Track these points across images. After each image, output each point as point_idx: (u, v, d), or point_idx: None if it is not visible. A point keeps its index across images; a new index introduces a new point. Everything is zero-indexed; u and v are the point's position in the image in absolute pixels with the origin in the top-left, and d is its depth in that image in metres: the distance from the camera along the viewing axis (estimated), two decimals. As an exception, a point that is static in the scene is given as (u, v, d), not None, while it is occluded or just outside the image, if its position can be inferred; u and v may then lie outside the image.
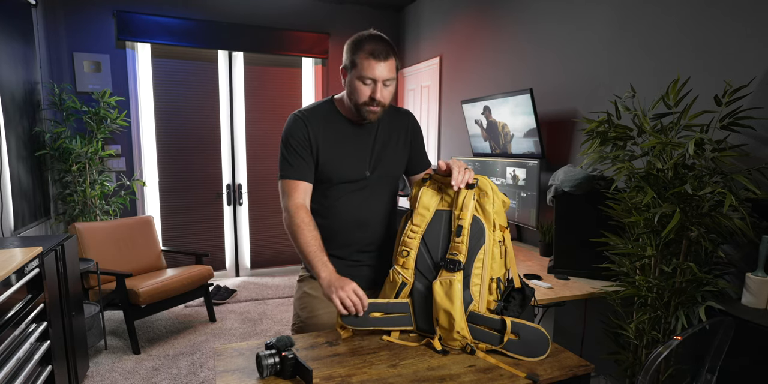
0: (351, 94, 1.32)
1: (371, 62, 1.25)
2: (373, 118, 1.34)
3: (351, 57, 1.29)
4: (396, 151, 1.47)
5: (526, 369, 1.07)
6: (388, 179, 1.46)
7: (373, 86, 1.28)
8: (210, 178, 4.20)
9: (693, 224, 1.49)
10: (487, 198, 1.20)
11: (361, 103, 1.31)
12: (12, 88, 2.81)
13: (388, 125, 1.46)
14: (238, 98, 4.20)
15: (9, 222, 2.62)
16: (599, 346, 2.00)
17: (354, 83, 1.29)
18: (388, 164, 1.44)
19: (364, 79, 1.27)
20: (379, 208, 1.44)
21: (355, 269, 1.43)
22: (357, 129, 1.41)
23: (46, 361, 1.86)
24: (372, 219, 1.43)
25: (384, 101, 1.31)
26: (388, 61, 1.26)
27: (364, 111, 1.32)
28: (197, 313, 3.43)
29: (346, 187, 1.39)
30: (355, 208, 1.41)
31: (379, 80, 1.27)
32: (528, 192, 2.49)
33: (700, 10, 1.85)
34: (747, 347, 1.34)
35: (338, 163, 1.38)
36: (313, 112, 1.40)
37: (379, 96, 1.28)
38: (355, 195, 1.40)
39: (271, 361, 1.01)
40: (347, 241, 1.43)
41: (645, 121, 1.58)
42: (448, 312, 1.14)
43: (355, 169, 1.39)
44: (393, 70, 1.29)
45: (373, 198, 1.43)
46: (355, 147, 1.40)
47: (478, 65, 3.37)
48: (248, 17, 4.08)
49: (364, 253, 1.45)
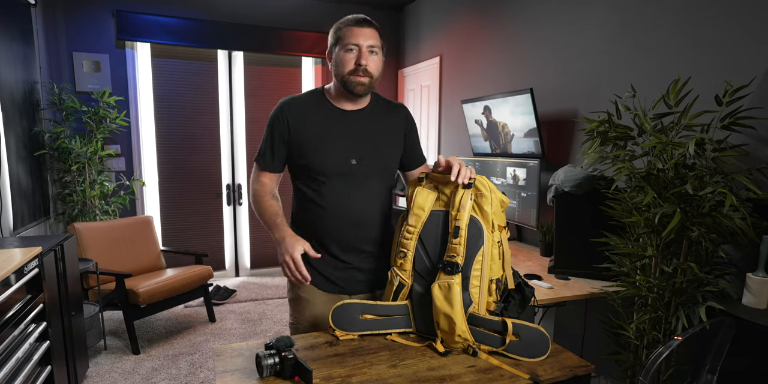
0: (337, 68, 1.33)
1: (353, 29, 1.30)
2: (361, 90, 1.32)
3: (335, 34, 1.34)
4: (389, 142, 1.43)
5: (527, 369, 1.07)
6: (378, 171, 1.40)
7: (358, 53, 1.30)
8: (210, 178, 4.20)
9: (693, 224, 1.49)
10: (484, 198, 1.18)
11: (347, 73, 1.31)
12: (11, 87, 2.81)
13: (381, 115, 1.43)
14: (237, 98, 4.20)
15: (8, 222, 2.62)
16: (599, 347, 1.99)
17: (340, 56, 1.32)
18: (378, 154, 1.39)
19: (349, 46, 1.30)
20: (369, 202, 1.38)
21: (344, 272, 1.40)
22: (344, 117, 1.39)
23: (46, 362, 1.85)
24: (362, 213, 1.36)
25: (371, 70, 1.31)
26: (371, 28, 1.31)
27: (352, 82, 1.31)
28: (197, 314, 3.43)
29: (332, 175, 1.34)
30: (341, 198, 1.35)
31: (363, 46, 1.29)
32: (528, 192, 2.49)
33: (700, 10, 1.85)
34: (748, 347, 1.34)
35: (320, 150, 1.34)
36: (298, 99, 1.40)
37: (364, 61, 1.29)
38: (342, 184, 1.35)
39: (270, 362, 1.01)
40: (336, 236, 1.37)
41: (645, 121, 1.58)
42: (449, 316, 1.13)
43: (338, 156, 1.34)
44: (377, 38, 1.32)
45: (362, 190, 1.36)
46: (340, 134, 1.36)
47: (478, 65, 3.37)
48: (248, 17, 4.07)
49: (354, 253, 1.39)
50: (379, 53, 1.33)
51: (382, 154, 1.41)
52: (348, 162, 1.35)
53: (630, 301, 1.76)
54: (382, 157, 1.41)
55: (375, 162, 1.38)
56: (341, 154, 1.35)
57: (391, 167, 1.46)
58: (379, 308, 1.24)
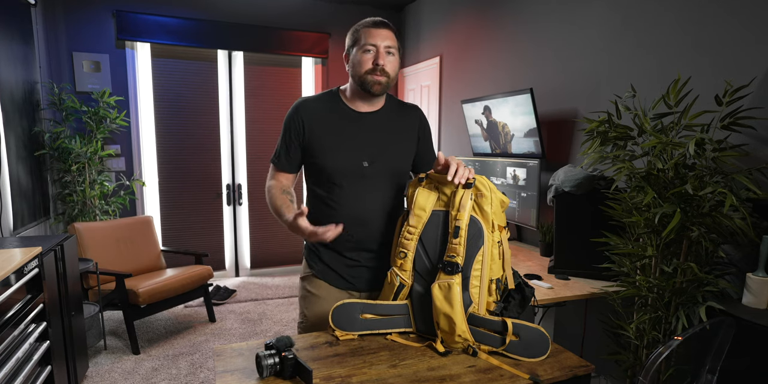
0: (355, 68, 1.34)
1: (371, 30, 1.32)
2: (378, 89, 1.33)
3: (353, 36, 1.36)
4: (402, 144, 1.44)
5: (527, 369, 1.07)
6: (391, 173, 1.40)
7: (376, 53, 1.31)
8: (210, 178, 4.20)
9: (693, 224, 1.49)
10: (485, 198, 1.18)
11: (364, 72, 1.32)
12: (11, 87, 2.81)
13: (395, 118, 1.44)
14: (237, 98, 4.20)
15: (8, 222, 2.62)
16: (599, 347, 1.99)
17: (357, 57, 1.33)
18: (391, 157, 1.40)
19: (366, 46, 1.31)
20: (379, 204, 1.39)
21: (354, 270, 1.41)
22: (359, 118, 1.39)
23: (46, 362, 1.85)
24: (372, 214, 1.38)
25: (388, 69, 1.33)
26: (388, 29, 1.34)
27: (369, 81, 1.32)
28: (197, 314, 3.43)
29: (344, 177, 1.36)
30: (353, 200, 1.36)
31: (381, 46, 1.31)
32: (528, 192, 2.49)
33: (700, 10, 1.85)
34: (748, 347, 1.34)
35: (333, 152, 1.35)
36: (313, 100, 1.41)
37: (382, 61, 1.30)
38: (354, 187, 1.36)
39: (270, 362, 1.01)
40: (346, 235, 1.36)
41: (645, 121, 1.58)
42: (449, 316, 1.13)
43: (350, 158, 1.35)
44: (394, 40, 1.34)
45: (374, 192, 1.37)
46: (353, 136, 1.37)
47: (478, 65, 3.37)
48: (248, 17, 4.07)
49: (363, 252, 1.41)
50: (395, 54, 1.35)
51: (394, 156, 1.42)
52: (360, 164, 1.36)
53: (630, 301, 1.76)
54: (394, 160, 1.42)
55: (387, 165, 1.39)
56: (354, 157, 1.36)
57: (404, 169, 1.47)
58: (379, 307, 1.24)
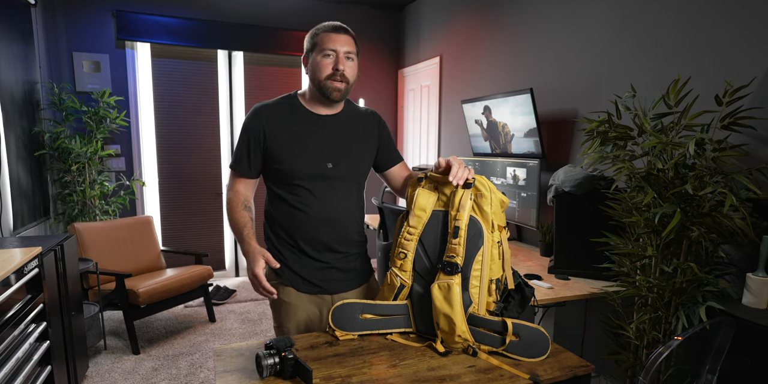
0: (314, 73, 1.34)
1: (331, 35, 1.32)
2: (337, 96, 1.34)
3: (312, 40, 1.36)
4: (363, 144, 1.45)
5: (527, 369, 1.07)
6: (354, 173, 1.42)
7: (335, 58, 1.31)
8: (210, 178, 4.20)
9: (693, 224, 1.49)
10: (484, 198, 1.18)
11: (324, 78, 1.32)
12: (11, 87, 2.81)
13: (353, 120, 1.45)
14: (237, 98, 4.19)
15: (8, 222, 2.62)
16: (599, 347, 1.99)
17: (316, 61, 1.33)
18: (354, 157, 1.41)
19: (326, 51, 1.31)
20: (346, 204, 1.40)
21: (323, 272, 1.40)
22: (320, 121, 1.40)
23: (46, 362, 1.85)
24: (339, 214, 1.39)
25: (347, 75, 1.33)
26: (347, 35, 1.34)
27: (328, 87, 1.32)
28: (197, 314, 3.43)
29: (309, 180, 1.36)
30: (320, 202, 1.37)
31: (340, 52, 1.31)
32: (528, 192, 2.49)
33: (700, 10, 1.85)
34: (748, 347, 1.34)
35: (297, 155, 1.35)
36: (272, 104, 1.41)
37: (342, 66, 1.31)
38: (320, 188, 1.37)
39: (270, 362, 1.01)
40: (315, 238, 1.38)
41: (645, 121, 1.58)
42: (448, 316, 1.13)
43: (314, 161, 1.36)
44: (353, 45, 1.35)
45: (339, 193, 1.39)
46: (315, 139, 1.37)
47: (478, 65, 3.37)
48: (248, 17, 4.07)
49: (332, 253, 1.40)
50: (354, 59, 1.36)
51: (357, 157, 1.43)
52: (324, 165, 1.37)
53: (630, 301, 1.76)
54: (357, 161, 1.43)
55: (351, 165, 1.41)
56: (317, 159, 1.36)
57: (366, 170, 1.49)
58: (378, 308, 1.24)
